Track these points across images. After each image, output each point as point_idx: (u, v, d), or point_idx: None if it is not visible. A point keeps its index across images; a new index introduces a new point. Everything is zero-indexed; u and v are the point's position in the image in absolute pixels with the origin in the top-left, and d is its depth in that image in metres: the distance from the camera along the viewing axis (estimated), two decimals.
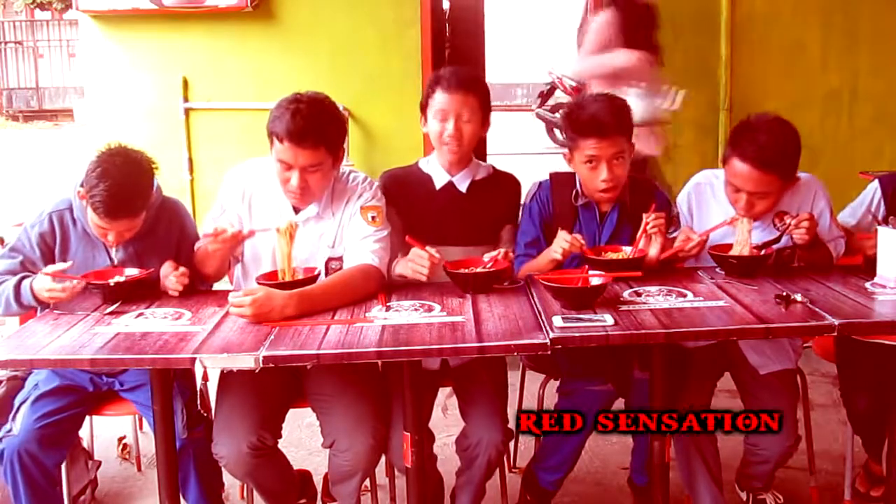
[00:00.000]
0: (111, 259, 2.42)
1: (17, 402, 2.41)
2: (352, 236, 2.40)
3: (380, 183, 2.56)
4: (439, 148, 2.56)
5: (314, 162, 2.28)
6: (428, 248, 2.28)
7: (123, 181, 2.24)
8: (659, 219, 2.38)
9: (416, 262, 2.30)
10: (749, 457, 2.55)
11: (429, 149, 4.38)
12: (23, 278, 2.30)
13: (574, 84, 9.43)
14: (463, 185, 2.58)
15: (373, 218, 2.41)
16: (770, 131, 2.32)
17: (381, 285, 2.34)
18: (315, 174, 2.30)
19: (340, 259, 2.41)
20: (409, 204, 2.56)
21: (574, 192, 2.54)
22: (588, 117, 2.41)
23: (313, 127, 2.24)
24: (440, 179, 2.58)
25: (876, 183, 2.64)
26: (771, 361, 2.48)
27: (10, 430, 2.34)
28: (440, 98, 2.48)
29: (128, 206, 2.27)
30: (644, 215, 2.40)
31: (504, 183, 2.65)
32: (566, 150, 2.52)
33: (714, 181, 2.51)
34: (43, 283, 2.23)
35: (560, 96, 9.70)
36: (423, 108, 2.55)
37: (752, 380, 2.49)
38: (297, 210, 2.42)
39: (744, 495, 2.69)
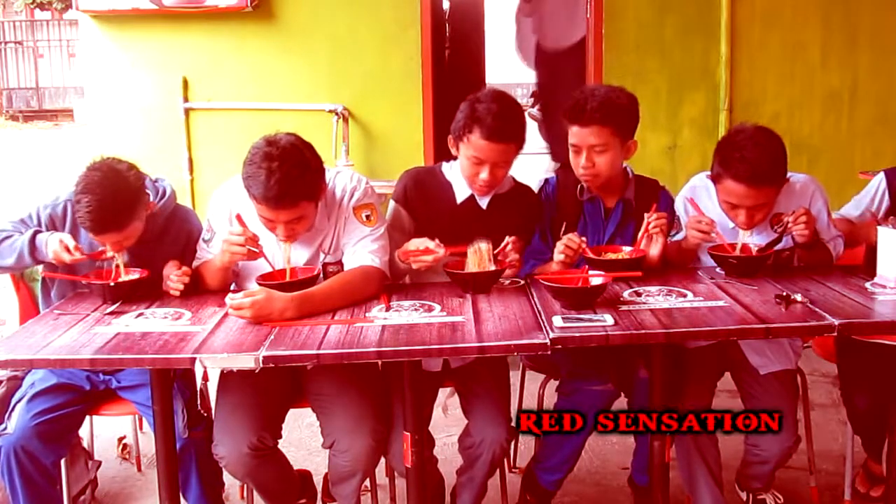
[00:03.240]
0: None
1: (13, 401, 2.41)
2: (348, 238, 2.38)
3: (402, 181, 2.54)
4: (468, 184, 2.49)
5: (296, 216, 2.23)
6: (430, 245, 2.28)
7: (102, 197, 2.21)
8: (661, 219, 2.38)
9: (419, 260, 2.29)
10: (749, 457, 2.55)
11: (429, 150, 4.41)
12: (37, 233, 2.33)
13: None
14: (484, 201, 2.52)
15: (367, 217, 2.38)
16: (757, 146, 2.30)
17: (382, 285, 2.33)
18: (300, 223, 2.26)
19: (338, 263, 2.39)
20: (426, 209, 2.52)
21: (579, 187, 2.55)
22: (573, 102, 2.42)
23: (290, 189, 2.15)
24: (462, 192, 2.52)
25: (881, 175, 2.64)
26: (771, 362, 2.48)
27: (4, 429, 2.35)
28: (478, 143, 2.36)
29: (110, 222, 2.25)
30: (646, 215, 2.40)
31: (523, 197, 2.59)
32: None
33: (709, 184, 2.51)
34: (54, 244, 2.28)
35: None
36: (455, 135, 2.43)
37: (753, 380, 2.49)
38: None
39: (744, 495, 2.69)
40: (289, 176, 2.14)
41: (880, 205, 2.61)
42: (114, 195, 2.24)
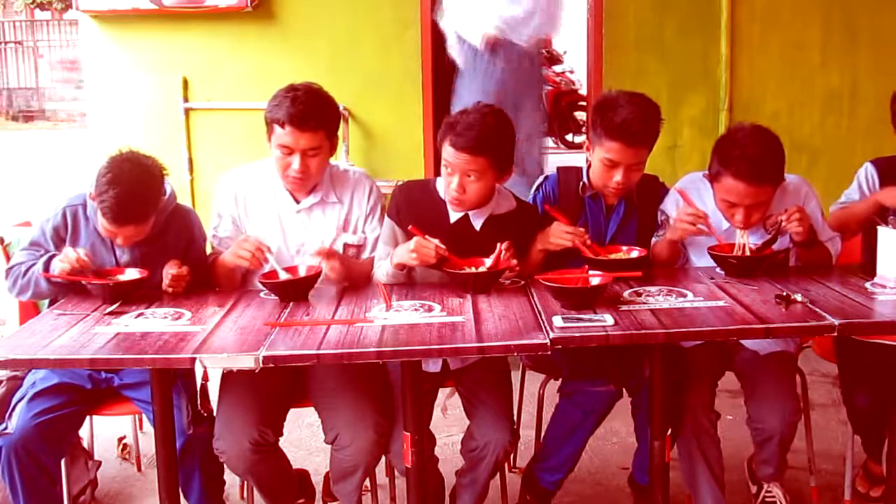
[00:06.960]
0: (116, 260, 2.42)
1: (14, 400, 2.40)
2: (367, 230, 2.54)
3: (395, 198, 2.51)
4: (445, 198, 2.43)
5: (315, 145, 2.36)
6: (430, 238, 2.26)
7: (132, 188, 2.24)
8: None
9: (422, 251, 2.26)
10: (756, 439, 2.48)
11: (429, 150, 4.41)
12: (51, 257, 2.34)
13: None
14: (478, 222, 2.44)
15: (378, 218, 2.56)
16: (757, 144, 2.31)
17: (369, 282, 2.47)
18: (315, 158, 2.38)
19: (357, 247, 2.52)
20: (419, 229, 2.39)
21: (581, 184, 2.55)
22: (620, 121, 2.37)
23: (313, 111, 2.34)
24: (455, 212, 2.44)
25: (868, 164, 2.64)
26: (770, 345, 2.48)
27: (5, 429, 2.34)
28: (447, 150, 2.33)
29: (136, 214, 2.28)
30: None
31: (521, 217, 2.49)
32: (585, 138, 2.54)
33: (700, 186, 2.51)
34: (61, 266, 2.29)
35: None
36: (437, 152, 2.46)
37: (752, 362, 2.48)
38: (297, 201, 2.48)
39: (754, 489, 2.66)
40: (313, 100, 2.35)
41: (872, 191, 2.61)
42: (141, 186, 2.28)
